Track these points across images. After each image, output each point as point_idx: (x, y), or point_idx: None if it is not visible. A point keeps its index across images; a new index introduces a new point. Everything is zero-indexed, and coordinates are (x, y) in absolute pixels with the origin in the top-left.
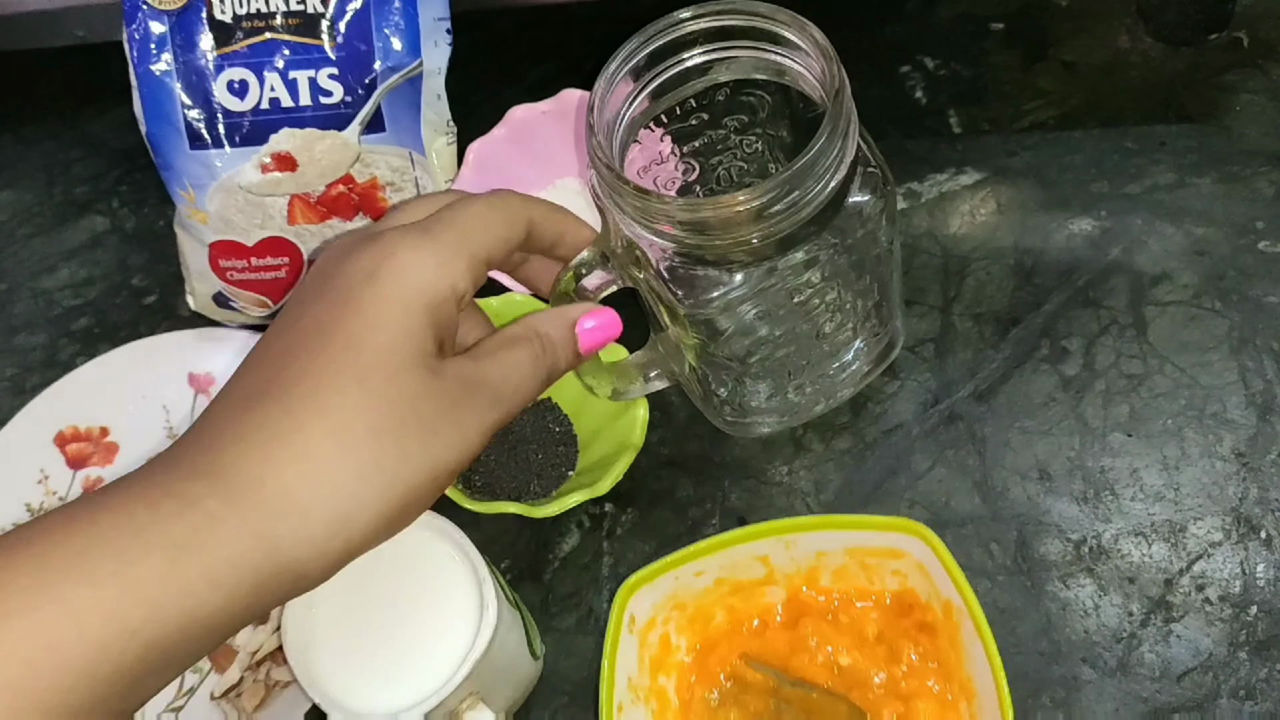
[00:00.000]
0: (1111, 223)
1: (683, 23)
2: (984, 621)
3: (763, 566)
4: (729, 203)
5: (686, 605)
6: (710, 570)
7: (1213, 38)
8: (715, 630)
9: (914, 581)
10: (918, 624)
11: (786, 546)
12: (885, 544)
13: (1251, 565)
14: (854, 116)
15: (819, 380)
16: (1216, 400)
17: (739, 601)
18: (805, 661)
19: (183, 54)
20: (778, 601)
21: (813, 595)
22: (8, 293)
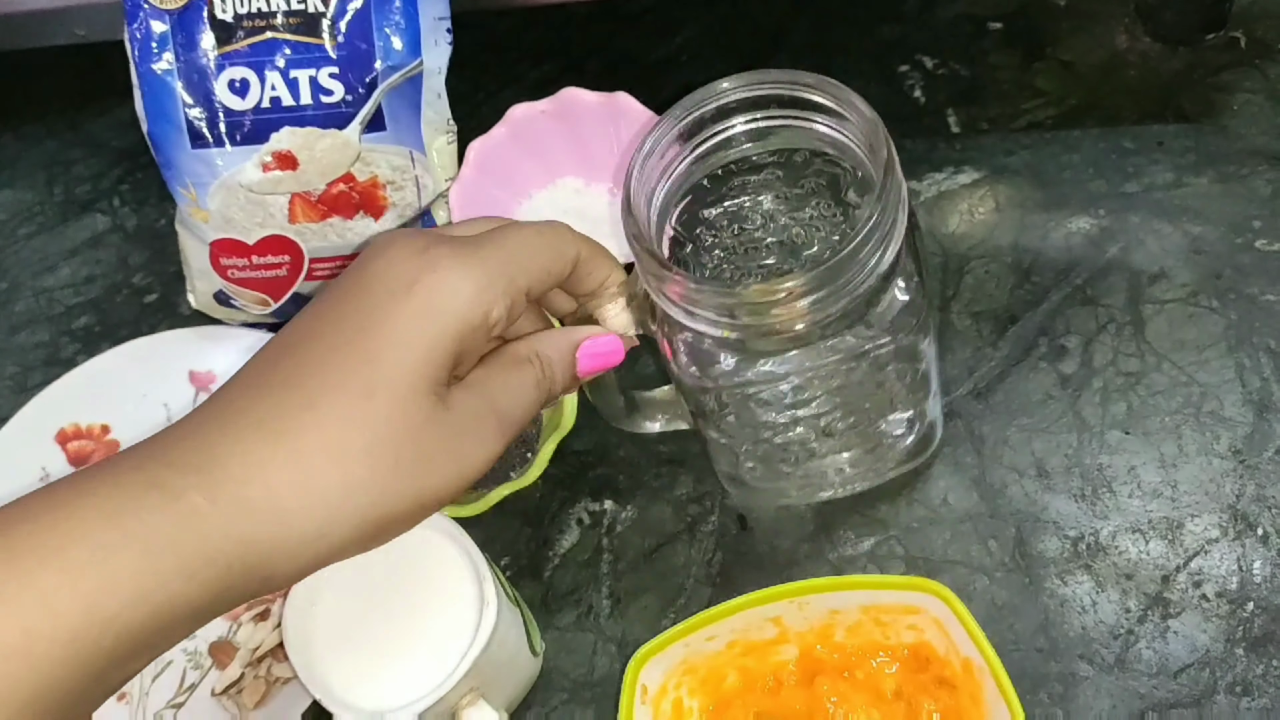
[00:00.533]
0: (1109, 221)
1: (724, 92)
2: (1008, 683)
3: (775, 627)
4: (769, 291)
5: (698, 668)
6: (721, 635)
7: (1210, 37)
8: (729, 690)
9: (930, 636)
10: (936, 679)
11: (799, 608)
12: (901, 602)
13: (1248, 562)
14: (904, 191)
15: (821, 474)
16: (1214, 398)
17: (752, 661)
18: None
19: (184, 53)
20: (790, 659)
21: (827, 652)
22: (9, 291)
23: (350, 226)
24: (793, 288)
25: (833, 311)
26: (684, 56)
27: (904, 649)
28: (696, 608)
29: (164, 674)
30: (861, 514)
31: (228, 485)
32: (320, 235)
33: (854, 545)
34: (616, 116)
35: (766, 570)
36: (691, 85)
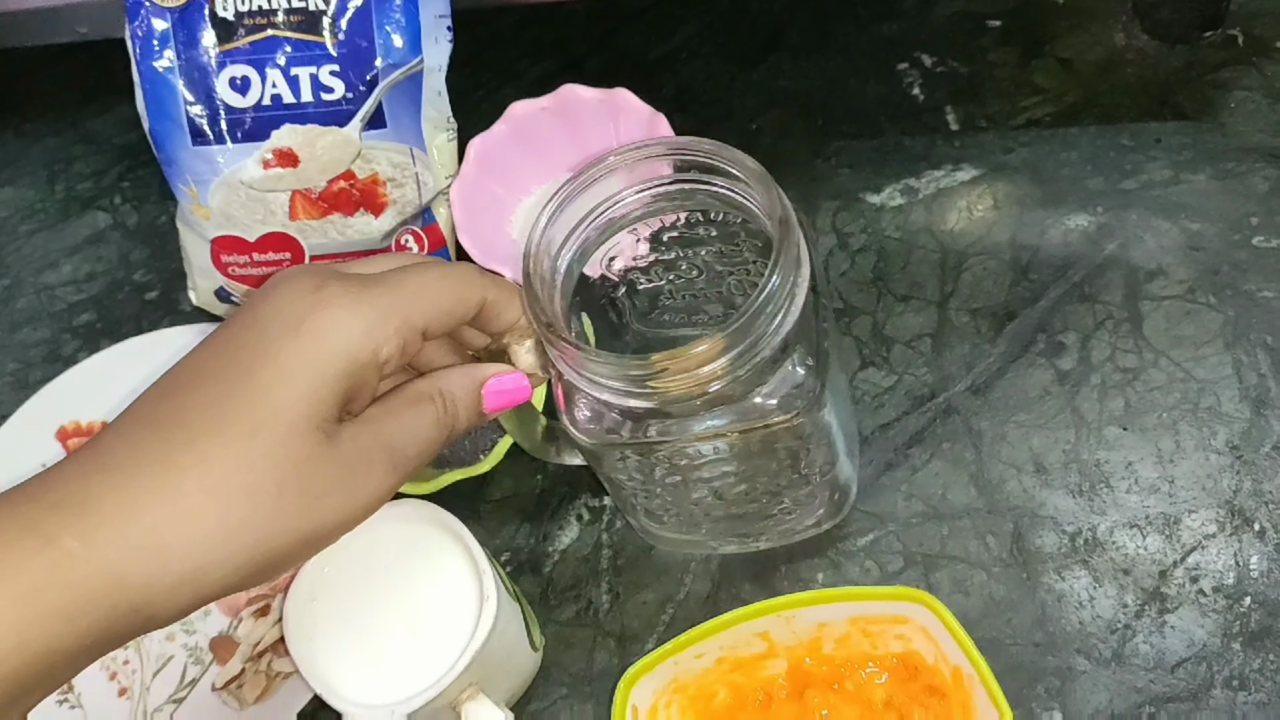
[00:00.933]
0: (1107, 218)
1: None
2: (998, 691)
3: (763, 642)
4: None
5: (688, 687)
6: (710, 651)
7: (1208, 35)
8: (719, 707)
9: (919, 645)
10: (926, 688)
11: (787, 622)
12: (889, 612)
13: (1245, 557)
14: (805, 254)
15: (723, 532)
16: (1211, 394)
17: (741, 677)
18: None
19: (185, 50)
20: (780, 673)
21: (816, 665)
22: (10, 288)
23: (351, 224)
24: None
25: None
26: (684, 54)
27: (893, 659)
28: (695, 603)
29: (164, 669)
30: (860, 510)
31: (105, 526)
32: (321, 232)
33: (852, 541)
34: (616, 112)
35: (765, 566)
36: (691, 83)
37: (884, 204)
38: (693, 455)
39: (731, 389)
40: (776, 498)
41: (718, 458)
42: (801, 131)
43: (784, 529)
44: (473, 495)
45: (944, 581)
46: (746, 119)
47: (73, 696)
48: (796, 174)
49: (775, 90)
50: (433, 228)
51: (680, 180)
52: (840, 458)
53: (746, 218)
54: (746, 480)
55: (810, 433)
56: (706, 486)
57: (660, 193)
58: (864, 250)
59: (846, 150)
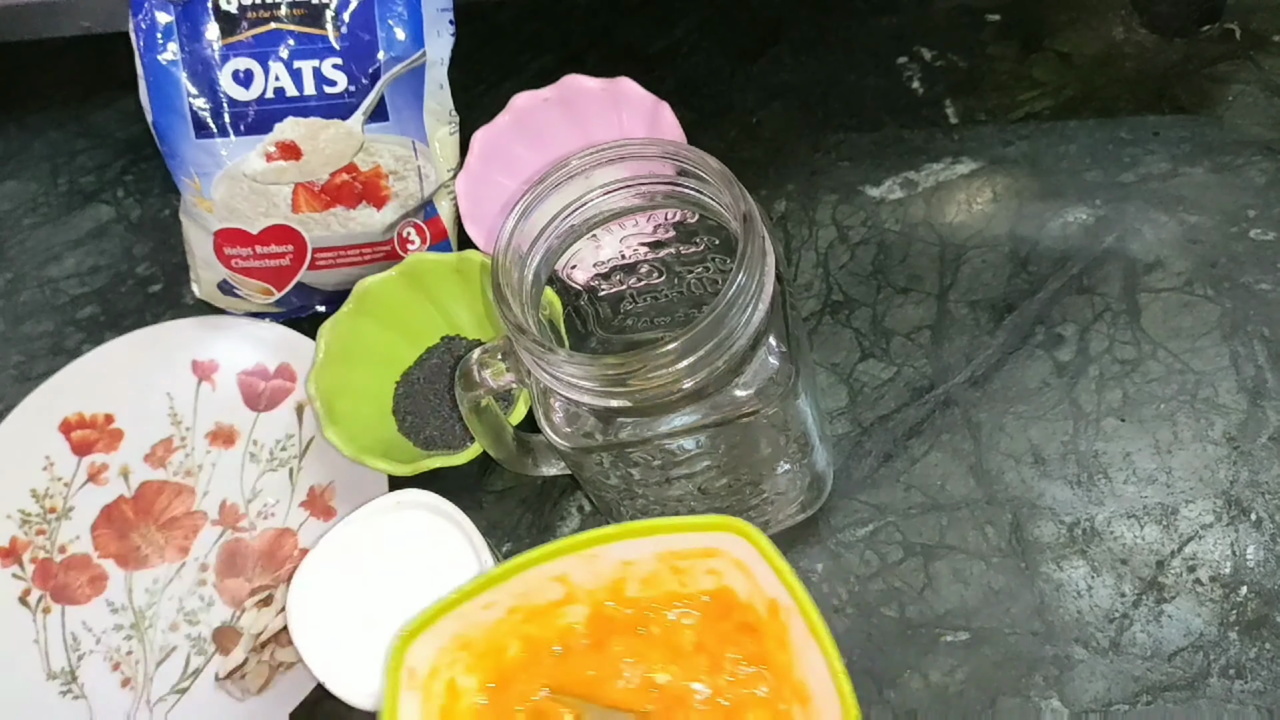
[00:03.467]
0: (1106, 211)
1: (570, 167)
2: (818, 619)
3: (561, 586)
4: (651, 359)
5: (474, 642)
6: (501, 600)
7: (1205, 29)
8: (510, 663)
9: (731, 580)
10: (739, 626)
11: (588, 562)
12: (699, 545)
13: (1242, 547)
14: (769, 252)
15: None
16: (1208, 385)
17: (535, 628)
18: (618, 686)
19: (188, 43)
20: (579, 621)
21: (619, 609)
22: (14, 281)
23: (353, 216)
24: (649, 357)
25: (701, 376)
26: (684, 48)
27: (703, 596)
28: None
29: (168, 660)
30: (859, 500)
31: None
32: (323, 225)
33: (851, 532)
34: (619, 101)
35: None
36: (691, 77)
37: (883, 197)
38: (675, 451)
39: (707, 382)
40: (758, 488)
41: (699, 452)
42: (801, 125)
43: (765, 519)
44: (475, 486)
45: (943, 571)
46: (746, 113)
47: (76, 687)
48: (796, 167)
49: (775, 84)
50: (434, 220)
51: (643, 182)
52: (816, 443)
53: (706, 215)
54: (729, 472)
55: (787, 419)
56: (689, 482)
57: (622, 195)
58: (863, 243)
59: (846, 143)
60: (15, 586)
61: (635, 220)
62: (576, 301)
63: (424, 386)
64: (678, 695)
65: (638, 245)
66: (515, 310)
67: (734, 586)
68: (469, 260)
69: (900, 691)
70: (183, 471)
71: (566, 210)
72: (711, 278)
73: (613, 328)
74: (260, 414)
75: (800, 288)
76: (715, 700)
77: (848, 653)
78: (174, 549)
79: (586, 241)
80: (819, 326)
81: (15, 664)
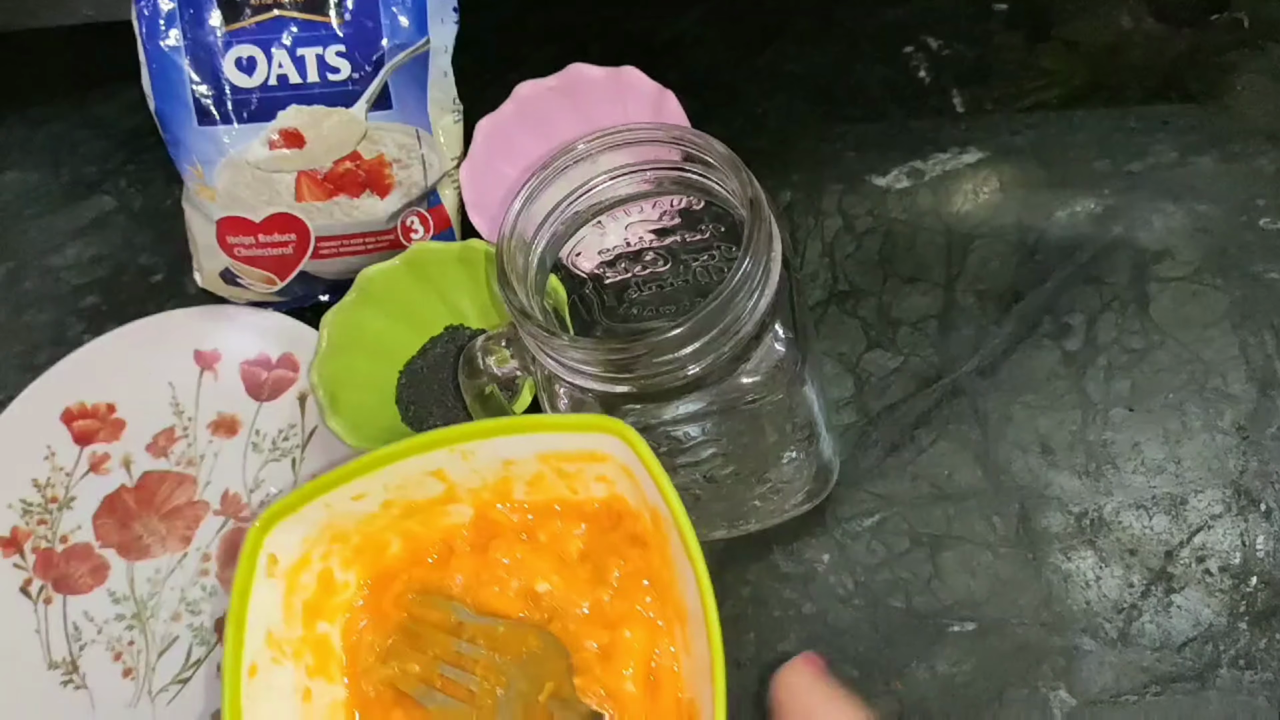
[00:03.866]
0: (1114, 200)
1: (577, 151)
2: (690, 530)
3: (439, 483)
4: (655, 345)
5: (350, 535)
6: (373, 492)
7: (1214, 18)
8: (391, 562)
9: (623, 488)
10: (628, 537)
11: (464, 457)
12: (581, 447)
13: (1251, 537)
14: (776, 237)
15: (711, 517)
16: (1217, 375)
17: (417, 525)
18: (496, 592)
19: (191, 30)
20: (464, 522)
21: (505, 513)
22: (16, 271)
23: (357, 205)
24: (654, 342)
25: (707, 362)
26: (689, 39)
27: (594, 504)
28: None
29: (169, 650)
30: (866, 490)
31: None
32: (326, 213)
33: (858, 522)
34: (624, 91)
35: (768, 547)
36: (697, 68)
37: (890, 187)
38: (680, 439)
39: (712, 369)
40: (764, 477)
41: (704, 439)
42: (807, 115)
43: (771, 509)
44: None
45: (950, 562)
46: (752, 103)
47: (77, 677)
48: (802, 157)
49: (781, 74)
50: (438, 209)
51: (649, 167)
52: (822, 432)
53: (712, 201)
54: (735, 461)
55: (793, 406)
56: (695, 470)
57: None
58: (870, 233)
59: (852, 133)
60: (16, 576)
61: (641, 207)
62: (581, 289)
63: (428, 376)
64: (557, 606)
65: (643, 232)
66: (520, 295)
67: (625, 496)
68: (473, 249)
69: (907, 682)
70: (185, 461)
71: (572, 196)
72: (717, 265)
73: (617, 316)
74: (263, 404)
75: (806, 277)
76: (595, 613)
77: (854, 644)
78: (176, 539)
79: (591, 228)
80: (825, 316)
81: (16, 654)
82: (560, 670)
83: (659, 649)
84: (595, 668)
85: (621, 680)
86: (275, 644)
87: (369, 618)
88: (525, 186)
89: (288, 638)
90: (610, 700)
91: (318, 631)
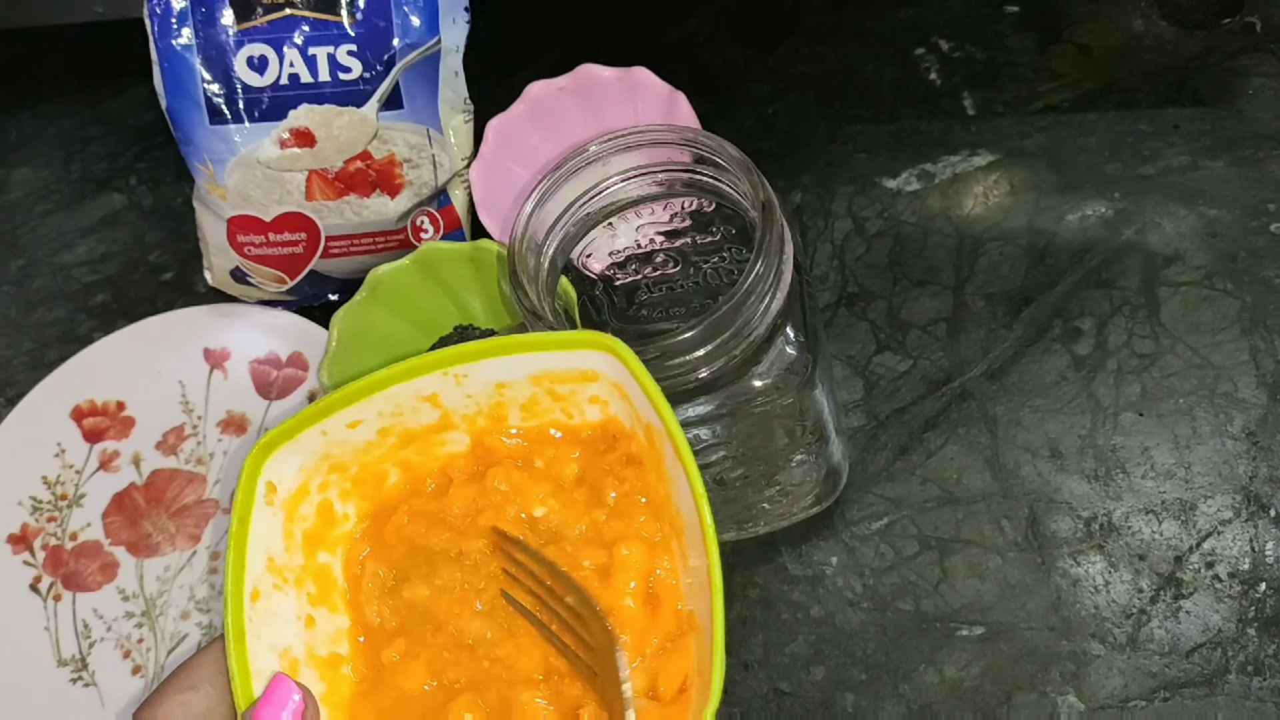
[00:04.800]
0: (1125, 204)
1: (590, 153)
2: (683, 440)
3: (434, 409)
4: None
5: (348, 465)
6: (369, 419)
7: (1226, 22)
8: (390, 493)
9: (616, 409)
10: (624, 458)
11: (457, 382)
12: (573, 365)
13: (1261, 543)
14: (788, 240)
15: (719, 517)
16: (1228, 380)
17: (414, 454)
18: (491, 518)
19: (203, 29)
20: (462, 451)
21: (501, 439)
22: (26, 268)
23: (367, 204)
24: (666, 344)
25: (719, 365)
26: (699, 38)
27: (590, 429)
28: None
29: (179, 648)
30: (874, 494)
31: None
32: (337, 213)
33: (866, 525)
34: (634, 91)
35: (777, 550)
36: (707, 68)
37: (900, 189)
38: (690, 441)
39: (723, 372)
40: (773, 480)
41: (714, 442)
42: (818, 116)
43: (780, 512)
44: None
45: (959, 566)
46: (763, 104)
47: (87, 675)
48: (812, 159)
49: (791, 75)
50: (448, 209)
51: (660, 169)
52: (832, 435)
53: (723, 203)
54: (744, 464)
55: (804, 409)
56: (705, 473)
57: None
58: (880, 235)
59: (863, 135)
60: (26, 573)
61: (652, 209)
62: (591, 291)
63: None
64: (553, 530)
65: (654, 234)
66: (531, 296)
67: (620, 417)
68: (483, 249)
69: (915, 686)
70: (194, 459)
71: (583, 198)
72: (728, 268)
73: (627, 318)
74: (272, 402)
75: (816, 280)
76: (592, 533)
77: (862, 647)
78: (185, 537)
79: (602, 230)
80: (834, 318)
81: (26, 651)
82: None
83: (658, 565)
84: (594, 586)
85: (621, 597)
86: (276, 570)
87: (370, 548)
88: (537, 188)
89: (289, 565)
90: (611, 617)
91: (319, 561)
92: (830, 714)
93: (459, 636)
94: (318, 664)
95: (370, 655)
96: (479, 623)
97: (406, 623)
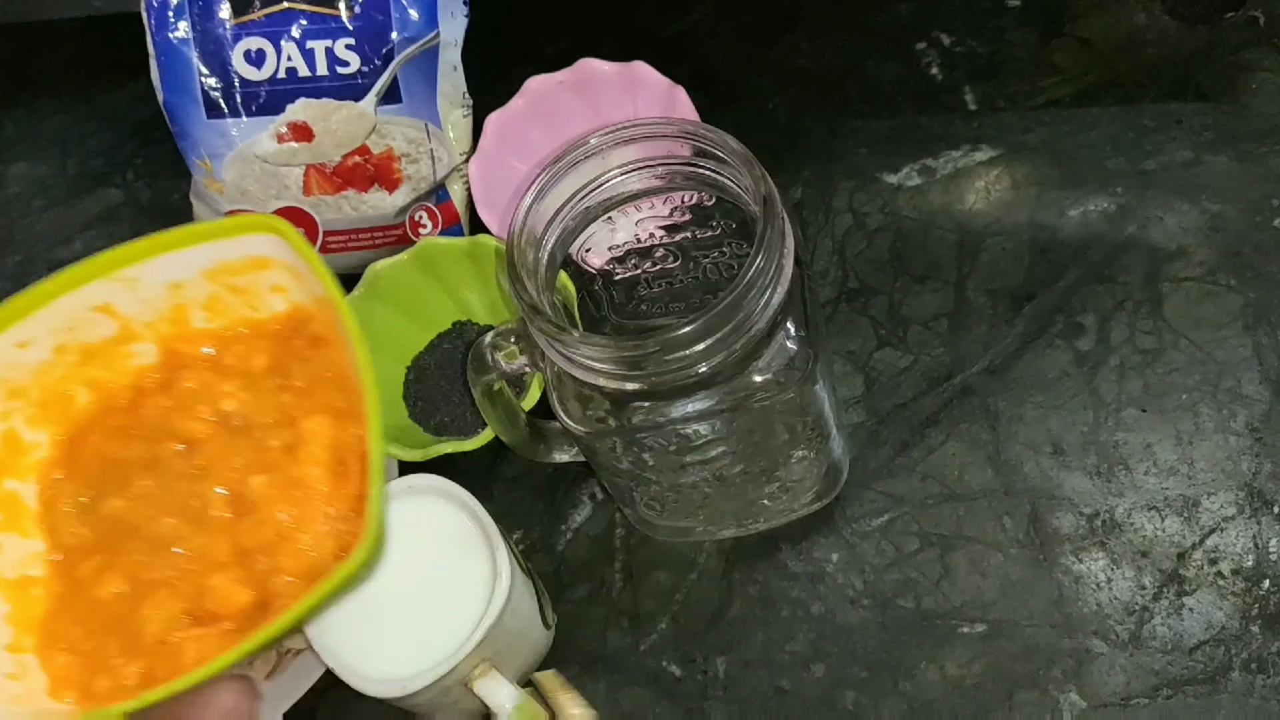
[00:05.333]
0: (1127, 199)
1: (589, 146)
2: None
3: (111, 320)
4: (668, 342)
5: (27, 389)
6: (40, 336)
7: (1229, 16)
8: (83, 414)
9: (298, 295)
10: (310, 339)
11: (129, 286)
12: (242, 253)
13: (1264, 539)
14: (789, 235)
15: (721, 515)
16: (1231, 376)
17: (101, 371)
18: (184, 418)
19: (201, 22)
20: (152, 364)
21: (191, 345)
22: (23, 264)
23: (365, 199)
24: (666, 339)
25: (718, 360)
26: (700, 33)
27: (278, 321)
28: (708, 583)
29: None
30: (875, 490)
31: None
32: (335, 207)
33: (867, 521)
34: (634, 86)
35: (778, 546)
36: (707, 62)
37: (901, 184)
38: (690, 437)
39: (723, 366)
40: (773, 476)
41: (714, 438)
42: (818, 111)
43: (780, 508)
44: (486, 473)
45: (960, 562)
46: (763, 99)
47: None
48: (813, 154)
49: (792, 70)
50: (446, 205)
51: (660, 163)
52: (832, 431)
53: (724, 197)
54: (744, 459)
55: (804, 405)
56: (705, 469)
57: (639, 176)
58: (881, 230)
59: (864, 130)
60: None
61: (651, 203)
62: (591, 286)
63: (435, 372)
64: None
65: (653, 229)
66: (530, 291)
67: (303, 303)
68: (481, 244)
69: (916, 683)
70: None
71: (583, 191)
72: (728, 263)
73: (627, 313)
74: None
75: (816, 275)
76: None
77: (863, 644)
78: None
79: (602, 224)
80: (835, 314)
81: None
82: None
83: (347, 433)
84: (281, 463)
85: (307, 467)
86: None
87: (65, 471)
88: (536, 181)
89: None
90: (299, 489)
91: (6, 489)
92: (831, 712)
93: (155, 540)
94: (4, 586)
95: (66, 573)
96: (173, 522)
97: (104, 537)
